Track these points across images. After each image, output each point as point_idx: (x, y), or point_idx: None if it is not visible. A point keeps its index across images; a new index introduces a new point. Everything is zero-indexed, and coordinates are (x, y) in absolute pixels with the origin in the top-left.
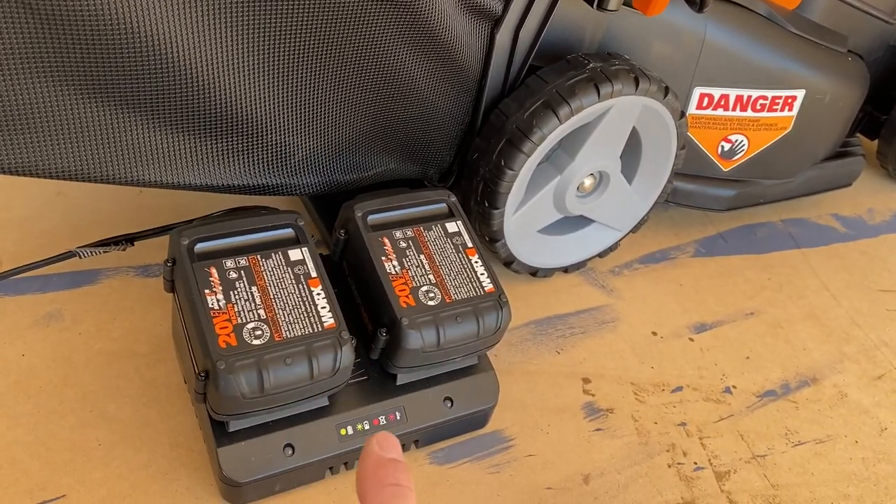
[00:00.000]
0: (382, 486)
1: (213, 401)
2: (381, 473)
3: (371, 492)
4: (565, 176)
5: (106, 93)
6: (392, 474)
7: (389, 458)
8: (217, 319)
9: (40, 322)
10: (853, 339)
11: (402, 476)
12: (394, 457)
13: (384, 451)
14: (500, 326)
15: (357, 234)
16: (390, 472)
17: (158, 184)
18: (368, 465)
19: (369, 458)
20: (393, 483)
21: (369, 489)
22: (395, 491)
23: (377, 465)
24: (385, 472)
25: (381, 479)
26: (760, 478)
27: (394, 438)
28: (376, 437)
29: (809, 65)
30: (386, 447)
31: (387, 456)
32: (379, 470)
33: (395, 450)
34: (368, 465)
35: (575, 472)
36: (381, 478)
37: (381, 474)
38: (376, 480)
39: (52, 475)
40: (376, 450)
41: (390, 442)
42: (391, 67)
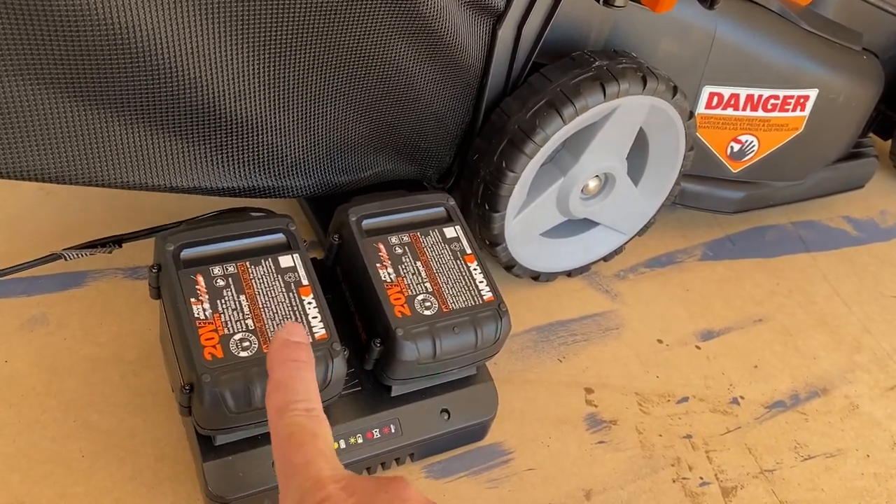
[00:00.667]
0: (285, 361)
1: (199, 415)
2: (284, 351)
3: (277, 366)
4: (569, 178)
5: (88, 93)
6: (294, 352)
7: (293, 341)
8: (203, 330)
9: (25, 326)
10: (865, 347)
11: (303, 353)
12: (297, 339)
13: (289, 336)
14: (499, 337)
15: (351, 239)
16: (293, 350)
17: (144, 186)
18: (276, 346)
19: (276, 340)
20: (293, 358)
21: (275, 364)
22: (295, 365)
23: (282, 345)
24: (288, 350)
25: (285, 355)
26: (768, 494)
27: (299, 326)
28: (284, 326)
29: (823, 63)
30: (291, 332)
31: (292, 339)
32: (283, 349)
33: (299, 334)
34: (276, 345)
35: (576, 487)
36: (284, 354)
37: (284, 352)
38: (281, 356)
39: (33, 489)
40: (283, 334)
41: (296, 328)
42: (388, 64)
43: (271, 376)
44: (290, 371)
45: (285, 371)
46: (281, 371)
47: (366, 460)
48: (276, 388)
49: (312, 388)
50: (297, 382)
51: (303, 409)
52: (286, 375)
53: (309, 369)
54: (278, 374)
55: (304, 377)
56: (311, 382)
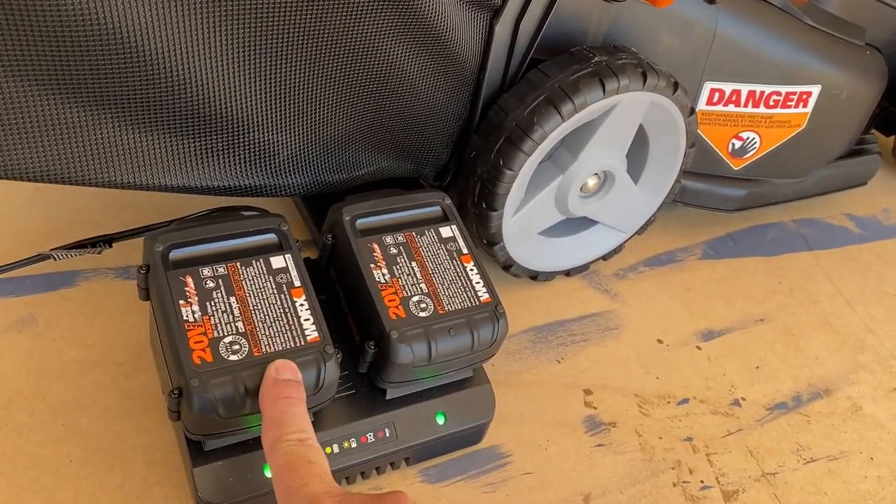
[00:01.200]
0: (276, 399)
1: (188, 420)
2: (275, 390)
3: (268, 405)
4: (568, 175)
5: (78, 91)
6: (284, 390)
7: (282, 379)
8: (192, 333)
9: (12, 328)
10: (868, 347)
11: (293, 391)
12: (287, 377)
13: (279, 375)
14: (495, 339)
15: (345, 239)
16: (282, 388)
17: (134, 186)
18: (266, 385)
19: (267, 379)
20: (284, 396)
21: (267, 404)
22: (286, 402)
23: (272, 384)
24: (278, 388)
25: (276, 394)
26: (770, 497)
27: (290, 363)
28: (273, 364)
29: (826, 59)
30: (280, 371)
31: (281, 377)
32: (273, 388)
33: (289, 371)
34: (266, 385)
35: (575, 491)
36: (275, 393)
37: (275, 391)
38: (272, 395)
39: (19, 495)
40: (272, 373)
41: (285, 366)
42: (382, 61)
43: (265, 414)
44: (282, 408)
45: (277, 408)
46: (273, 409)
47: (360, 465)
48: (270, 426)
49: (304, 421)
50: (288, 417)
51: (296, 440)
52: (278, 412)
53: (300, 405)
54: (271, 412)
55: (295, 412)
56: (304, 416)
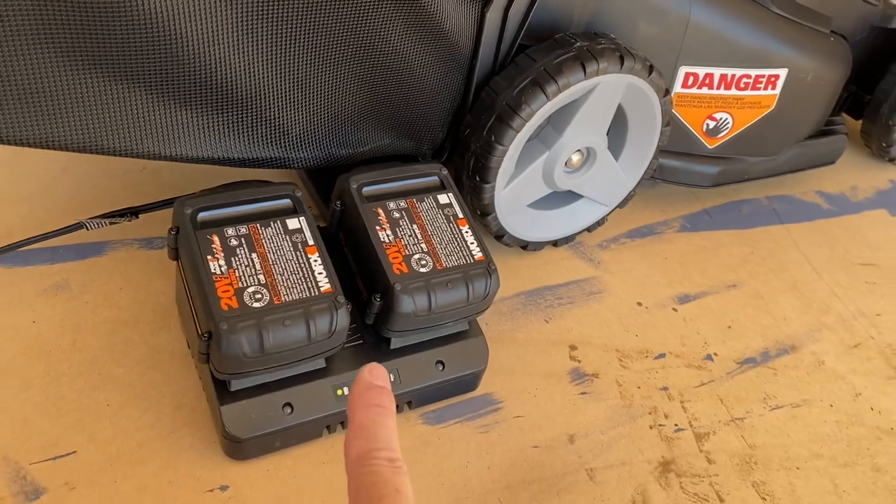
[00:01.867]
0: (368, 405)
1: (216, 360)
2: (367, 395)
3: (359, 410)
4: (554, 151)
5: (107, 67)
6: (377, 397)
7: (377, 385)
8: (219, 283)
9: (49, 291)
10: (832, 309)
11: (386, 399)
12: (381, 384)
13: (373, 379)
14: (488, 293)
15: (352, 204)
16: (376, 395)
17: (160, 156)
18: (359, 389)
19: (360, 382)
20: (377, 404)
21: (358, 408)
22: (378, 410)
23: (366, 388)
24: (371, 394)
25: (368, 400)
26: (738, 439)
27: (382, 369)
28: (368, 367)
29: (792, 44)
30: (375, 376)
31: (375, 383)
32: (366, 392)
33: (382, 378)
34: (359, 388)
35: (561, 432)
36: (367, 399)
37: (367, 396)
38: (364, 401)
39: (64, 433)
40: (367, 377)
41: (379, 372)
42: (386, 46)
43: (353, 419)
44: (374, 416)
45: (369, 416)
46: (364, 415)
47: None
48: (358, 434)
49: (395, 437)
50: (379, 429)
51: (386, 460)
52: (369, 420)
53: (392, 417)
54: (361, 417)
55: (387, 424)
56: (394, 431)
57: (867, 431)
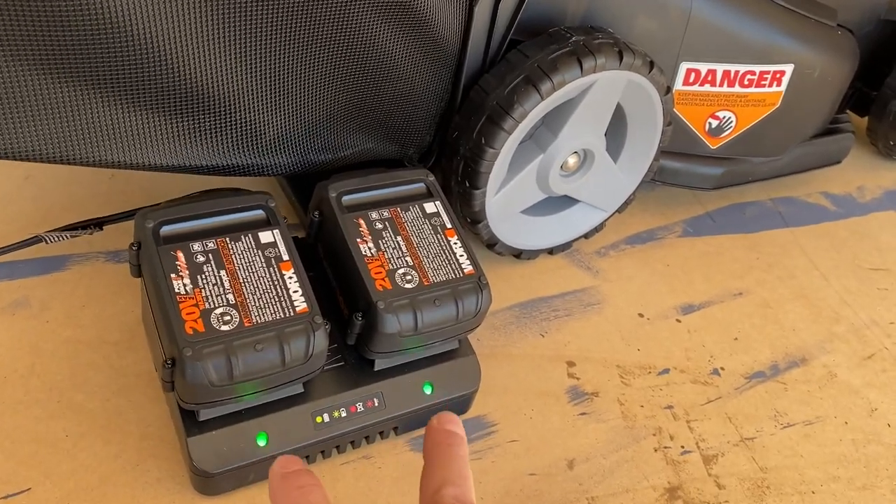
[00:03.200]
0: (289, 491)
1: (181, 389)
2: (286, 483)
3: (281, 499)
4: (548, 154)
5: (66, 70)
6: (297, 479)
7: (291, 471)
8: (184, 305)
9: (6, 310)
10: (843, 318)
11: (305, 478)
12: (295, 469)
13: (284, 469)
14: (479, 310)
15: (331, 215)
16: (293, 479)
17: (123, 165)
18: (274, 484)
19: (273, 476)
20: (297, 486)
21: (279, 499)
22: (301, 491)
23: (282, 478)
24: (288, 481)
25: (288, 485)
26: (749, 461)
27: (293, 458)
28: (277, 462)
29: (798, 39)
30: (286, 466)
31: (289, 470)
32: (284, 481)
33: (294, 464)
34: (274, 483)
35: (559, 457)
36: (287, 486)
37: (286, 483)
38: (283, 489)
39: (17, 468)
40: (278, 470)
41: (289, 462)
42: (366, 41)
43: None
44: (298, 499)
45: (294, 499)
46: (289, 501)
47: (350, 434)
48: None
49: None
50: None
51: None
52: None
53: (318, 491)
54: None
55: (317, 500)
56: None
57: (885, 450)
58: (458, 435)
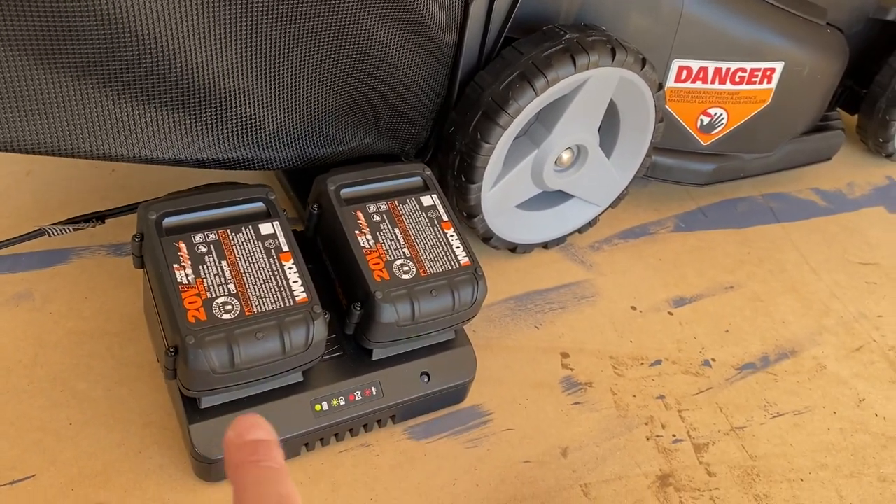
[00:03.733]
0: (241, 465)
1: (184, 376)
2: (238, 457)
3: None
4: (543, 149)
5: (71, 65)
6: (252, 453)
7: (246, 441)
8: (186, 294)
9: (10, 302)
10: (832, 311)
11: (264, 453)
12: (254, 438)
13: (242, 436)
14: (475, 300)
15: (330, 207)
16: (249, 453)
17: (127, 158)
18: (228, 456)
19: (227, 448)
20: (253, 460)
21: (233, 478)
22: (251, 467)
23: (235, 450)
24: (242, 454)
25: (241, 460)
26: (739, 449)
27: (251, 418)
28: (232, 425)
29: (788, 37)
30: (242, 431)
31: (247, 438)
32: (237, 454)
33: (255, 430)
34: (228, 455)
35: (553, 445)
36: (239, 460)
37: (238, 457)
38: (237, 465)
39: (22, 455)
40: (232, 437)
41: (245, 424)
42: (363, 39)
43: (233, 490)
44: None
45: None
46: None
47: (348, 422)
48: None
49: (285, 489)
50: (264, 487)
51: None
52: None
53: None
54: (238, 484)
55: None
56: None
57: (872, 439)
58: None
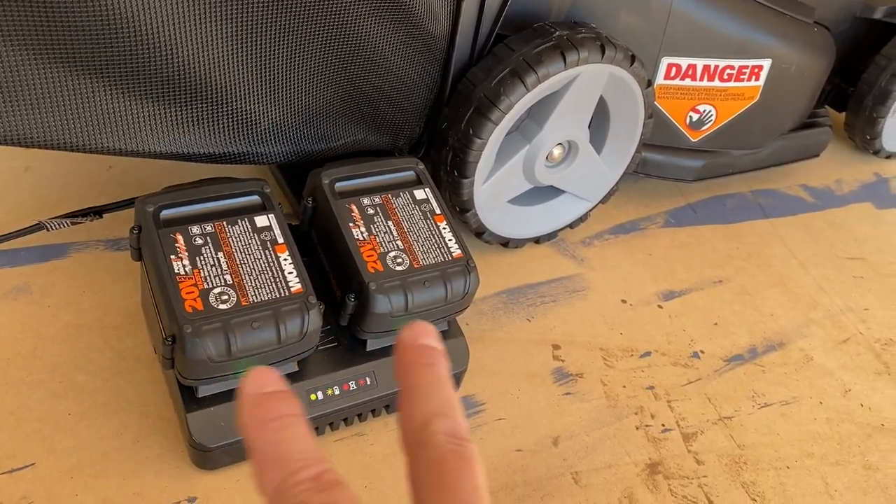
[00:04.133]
0: (263, 425)
1: (181, 365)
2: (258, 412)
3: (255, 435)
4: (534, 145)
5: (68, 59)
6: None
7: (266, 393)
8: (183, 284)
9: (8, 295)
10: (819, 305)
11: (284, 405)
12: (271, 389)
13: (260, 387)
14: (468, 291)
15: (324, 201)
16: (269, 408)
17: (123, 152)
18: (246, 408)
19: (243, 399)
20: (274, 417)
21: (252, 433)
22: (277, 424)
23: (254, 404)
24: (262, 409)
25: (260, 417)
26: (727, 438)
27: (268, 372)
28: (249, 376)
29: (775, 34)
30: (262, 384)
31: (264, 390)
32: (256, 409)
33: (269, 382)
34: (246, 407)
35: (544, 434)
36: (259, 416)
37: (258, 413)
38: (255, 422)
39: (22, 444)
40: (250, 387)
41: (265, 377)
42: (357, 35)
43: (252, 449)
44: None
45: (267, 437)
46: (262, 439)
47: (342, 411)
48: (265, 464)
49: (311, 446)
50: (288, 446)
51: (308, 479)
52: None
53: (300, 424)
54: (260, 443)
55: (296, 436)
56: (309, 439)
57: (857, 428)
58: (437, 350)
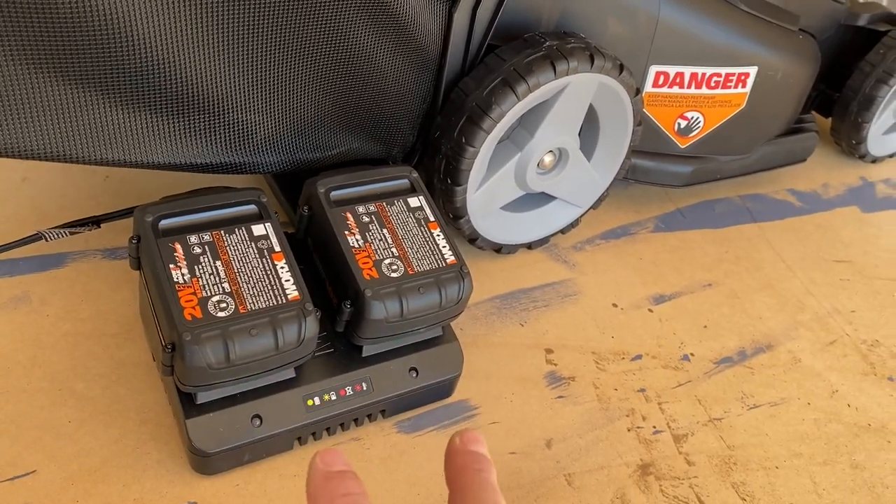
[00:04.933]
0: (333, 498)
1: (181, 372)
2: (329, 486)
3: (456, 481)
4: (525, 153)
5: (65, 71)
6: (341, 484)
7: (336, 471)
8: (182, 293)
9: (7, 305)
10: (807, 307)
11: (352, 484)
12: (340, 469)
13: (328, 467)
14: (462, 297)
15: (320, 209)
16: (339, 484)
17: (120, 163)
18: (316, 482)
19: (314, 474)
20: (343, 493)
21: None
22: (347, 501)
23: (324, 479)
24: (333, 484)
25: (331, 491)
26: (717, 439)
27: (336, 452)
28: (318, 455)
29: (761, 42)
30: (329, 462)
31: (332, 469)
32: (327, 484)
33: (339, 462)
34: (315, 481)
35: (538, 437)
36: (330, 491)
37: (329, 487)
38: (326, 494)
39: (22, 452)
40: (320, 466)
41: (332, 456)
42: (351, 46)
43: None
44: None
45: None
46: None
47: (339, 416)
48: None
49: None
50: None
51: None
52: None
53: (365, 502)
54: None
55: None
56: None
57: (845, 429)
58: (486, 458)
